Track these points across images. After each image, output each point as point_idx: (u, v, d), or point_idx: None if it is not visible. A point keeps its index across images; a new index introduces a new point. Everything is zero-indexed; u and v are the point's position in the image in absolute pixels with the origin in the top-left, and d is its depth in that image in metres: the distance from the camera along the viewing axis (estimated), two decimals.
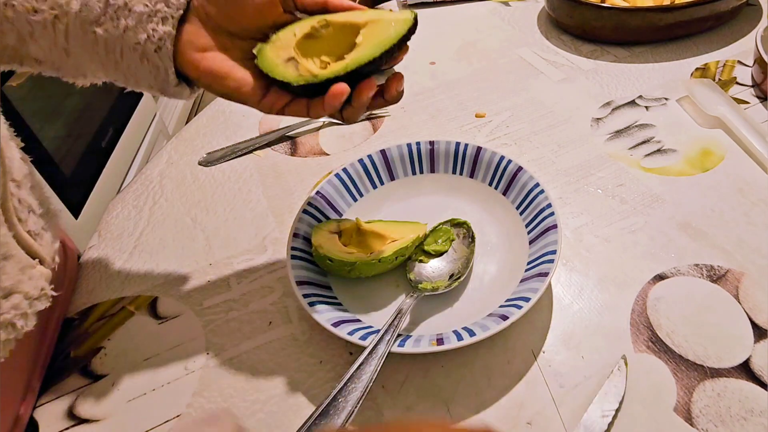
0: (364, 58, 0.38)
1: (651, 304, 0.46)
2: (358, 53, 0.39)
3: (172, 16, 0.38)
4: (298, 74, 0.39)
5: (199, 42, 0.39)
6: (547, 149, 0.63)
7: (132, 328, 0.50)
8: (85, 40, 0.38)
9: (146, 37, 0.37)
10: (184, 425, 0.22)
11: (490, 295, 0.47)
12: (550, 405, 0.40)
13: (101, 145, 1.53)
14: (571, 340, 0.44)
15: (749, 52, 0.73)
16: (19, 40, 0.38)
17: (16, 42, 0.38)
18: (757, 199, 0.54)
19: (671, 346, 0.43)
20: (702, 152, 0.60)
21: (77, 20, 0.37)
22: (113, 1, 0.37)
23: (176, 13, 0.38)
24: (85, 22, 0.37)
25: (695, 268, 0.48)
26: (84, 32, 0.37)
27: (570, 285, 0.48)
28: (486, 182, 0.54)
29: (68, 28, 0.37)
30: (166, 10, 0.37)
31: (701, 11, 0.74)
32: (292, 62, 0.39)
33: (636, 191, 0.56)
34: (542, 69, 0.77)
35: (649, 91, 0.70)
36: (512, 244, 0.50)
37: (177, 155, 0.70)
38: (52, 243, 0.45)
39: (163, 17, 0.37)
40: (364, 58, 0.38)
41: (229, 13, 0.39)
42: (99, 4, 0.37)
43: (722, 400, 0.39)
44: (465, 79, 0.76)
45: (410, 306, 0.44)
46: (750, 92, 0.67)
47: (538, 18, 0.89)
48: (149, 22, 0.37)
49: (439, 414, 0.41)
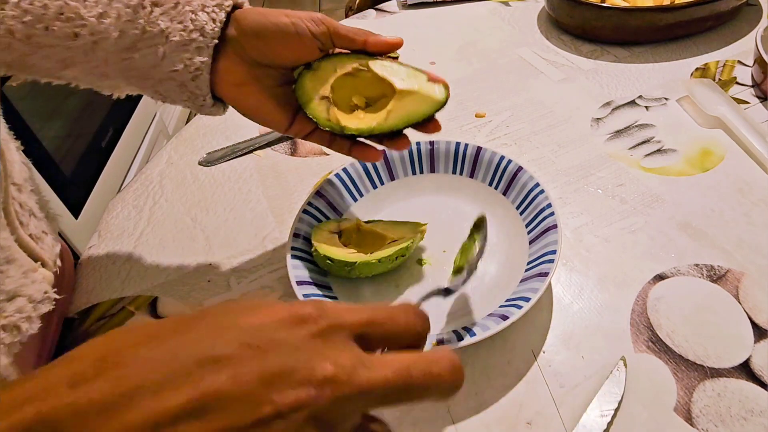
0: (389, 127, 0.41)
1: (651, 304, 0.46)
2: (386, 120, 0.41)
3: (208, 45, 0.38)
4: (327, 118, 0.41)
5: (235, 76, 0.40)
6: (547, 149, 0.63)
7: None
8: (123, 66, 0.38)
9: (183, 66, 0.38)
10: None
11: (490, 295, 0.47)
12: (550, 405, 0.40)
13: (101, 145, 1.53)
14: (571, 340, 0.44)
15: (749, 52, 0.73)
16: (58, 63, 0.38)
17: (55, 65, 0.38)
18: (757, 199, 0.54)
19: (671, 346, 0.43)
20: (702, 152, 0.60)
21: (115, 47, 0.37)
22: (150, 28, 0.37)
23: (211, 42, 0.38)
24: (123, 49, 0.38)
25: (695, 268, 0.48)
26: (122, 58, 0.38)
27: (570, 285, 0.48)
28: (486, 182, 0.54)
29: (107, 55, 0.38)
30: (201, 39, 0.38)
31: (701, 11, 0.74)
32: (325, 102, 0.41)
33: (636, 191, 0.56)
34: (542, 69, 0.77)
35: (649, 91, 0.70)
36: (512, 244, 0.50)
37: (177, 155, 0.70)
38: (53, 246, 0.45)
39: (198, 47, 0.38)
40: (389, 127, 0.41)
41: (266, 53, 0.40)
42: (136, 31, 0.37)
43: (722, 400, 0.39)
44: (465, 79, 0.76)
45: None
46: (750, 92, 0.67)
47: (538, 18, 0.89)
48: (185, 51, 0.38)
49: (440, 414, 0.41)
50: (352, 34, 0.40)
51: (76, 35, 0.37)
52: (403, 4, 0.97)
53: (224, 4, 0.38)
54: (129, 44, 0.38)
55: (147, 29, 0.37)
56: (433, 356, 0.22)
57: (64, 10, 0.36)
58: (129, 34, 0.37)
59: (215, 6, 0.38)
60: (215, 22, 0.38)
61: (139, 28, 0.37)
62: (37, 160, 0.48)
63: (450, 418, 0.40)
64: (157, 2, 0.38)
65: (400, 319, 0.23)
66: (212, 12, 0.38)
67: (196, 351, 0.19)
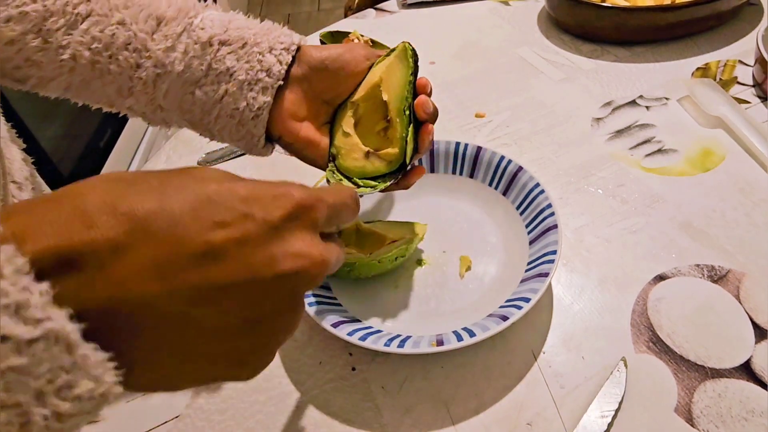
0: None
1: (652, 305, 0.46)
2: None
3: (272, 86, 0.39)
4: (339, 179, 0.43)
5: (299, 111, 0.41)
6: (547, 149, 0.63)
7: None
8: (183, 101, 0.39)
9: (245, 104, 0.39)
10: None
11: (490, 295, 0.46)
12: (550, 406, 0.40)
13: (99, 146, 1.53)
14: (571, 341, 0.44)
15: (750, 52, 0.73)
16: (118, 93, 0.39)
17: (114, 93, 0.39)
18: (758, 199, 0.53)
19: (672, 346, 0.43)
20: (703, 152, 0.60)
21: (179, 80, 0.38)
22: (216, 65, 0.38)
23: (276, 83, 0.39)
24: (187, 83, 0.38)
25: (696, 268, 0.48)
26: (183, 92, 0.39)
27: (570, 285, 0.48)
28: (486, 182, 0.54)
29: (168, 88, 0.38)
30: (267, 80, 0.39)
31: (702, 11, 0.74)
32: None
33: (637, 191, 0.56)
34: (542, 69, 0.77)
35: (649, 90, 0.70)
36: (512, 244, 0.50)
37: (176, 155, 0.70)
38: None
39: (263, 87, 0.39)
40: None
41: (332, 86, 0.41)
42: (202, 67, 0.38)
43: (723, 400, 0.39)
44: (465, 79, 0.76)
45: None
46: (751, 92, 0.67)
47: (538, 18, 0.89)
48: (250, 90, 0.39)
49: (440, 414, 0.41)
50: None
51: (139, 66, 0.37)
52: (402, 3, 0.97)
53: (290, 48, 0.40)
54: (193, 80, 0.38)
55: (213, 66, 0.38)
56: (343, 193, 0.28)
57: (131, 41, 0.37)
58: (194, 69, 0.38)
59: (283, 49, 0.39)
60: (282, 64, 0.39)
61: (204, 65, 0.38)
62: (34, 161, 0.48)
63: (450, 418, 0.40)
64: (225, 41, 0.38)
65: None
66: (280, 54, 0.39)
67: (203, 202, 0.21)
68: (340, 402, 0.42)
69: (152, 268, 0.19)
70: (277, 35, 0.40)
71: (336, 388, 0.43)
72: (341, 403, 0.42)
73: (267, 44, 0.39)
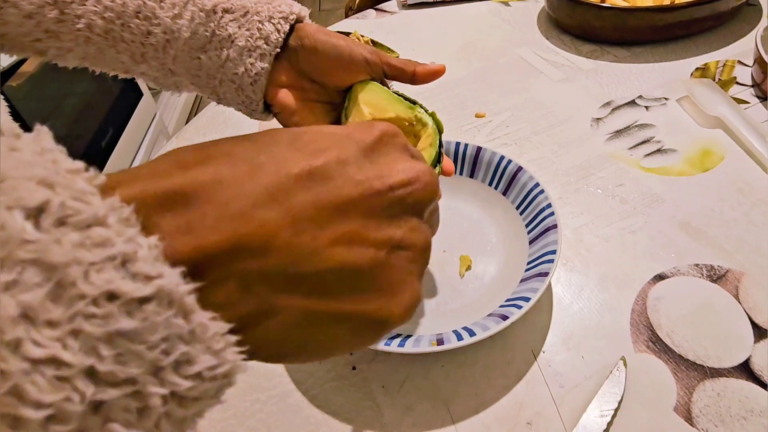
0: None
1: (651, 304, 0.46)
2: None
3: (270, 53, 0.40)
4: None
5: (281, 78, 0.42)
6: (547, 149, 0.63)
7: None
8: (190, 65, 0.41)
9: (244, 70, 0.40)
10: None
11: (490, 295, 0.47)
12: (550, 405, 0.40)
13: (101, 146, 1.53)
14: (571, 340, 0.44)
15: (749, 52, 0.73)
16: (131, 59, 0.41)
17: (129, 60, 0.41)
18: (757, 199, 0.54)
19: (671, 346, 0.43)
20: (702, 152, 0.60)
21: (186, 46, 0.40)
22: (219, 32, 0.40)
23: (273, 51, 0.40)
24: (193, 49, 0.40)
25: (695, 268, 0.48)
26: (190, 57, 0.41)
27: (570, 285, 0.48)
28: (486, 182, 0.54)
29: (177, 53, 0.40)
30: (265, 47, 0.40)
31: (701, 11, 0.74)
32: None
33: (636, 191, 0.56)
34: (542, 69, 0.77)
35: (649, 91, 0.70)
36: (512, 244, 0.50)
37: None
38: None
39: (261, 54, 0.40)
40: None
41: (318, 69, 0.42)
42: (206, 33, 0.40)
43: (722, 399, 0.39)
44: (465, 79, 0.76)
45: None
46: (750, 92, 0.67)
47: (538, 18, 0.89)
48: (249, 57, 0.40)
49: (440, 414, 0.41)
50: (402, 64, 0.43)
51: (149, 33, 0.39)
52: (403, 4, 0.97)
53: (289, 17, 0.41)
54: (199, 45, 0.40)
55: (216, 33, 0.40)
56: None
57: (141, 9, 0.39)
58: (199, 36, 0.40)
59: (281, 18, 0.40)
60: (279, 33, 0.40)
61: (209, 31, 0.40)
62: None
63: (450, 418, 0.40)
64: (228, 9, 0.40)
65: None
66: (278, 23, 0.40)
67: (296, 147, 0.20)
68: (340, 401, 0.42)
69: (265, 196, 0.18)
70: (278, 4, 0.41)
71: (336, 387, 0.43)
72: (342, 402, 0.42)
73: (267, 13, 0.40)
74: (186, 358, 0.15)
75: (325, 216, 0.19)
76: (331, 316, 0.19)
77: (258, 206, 0.17)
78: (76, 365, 0.13)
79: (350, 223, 0.19)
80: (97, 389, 0.13)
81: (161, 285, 0.14)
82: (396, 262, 0.20)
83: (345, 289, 0.19)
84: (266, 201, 0.18)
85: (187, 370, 0.15)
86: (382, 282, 0.20)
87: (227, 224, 0.17)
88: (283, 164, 0.19)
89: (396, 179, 0.21)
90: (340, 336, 0.20)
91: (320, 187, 0.19)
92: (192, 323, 0.15)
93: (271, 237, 0.17)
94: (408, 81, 0.43)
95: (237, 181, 0.18)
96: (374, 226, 0.20)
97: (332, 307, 0.19)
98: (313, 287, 0.18)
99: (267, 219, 0.17)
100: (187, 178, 0.17)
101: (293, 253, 0.18)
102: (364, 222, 0.20)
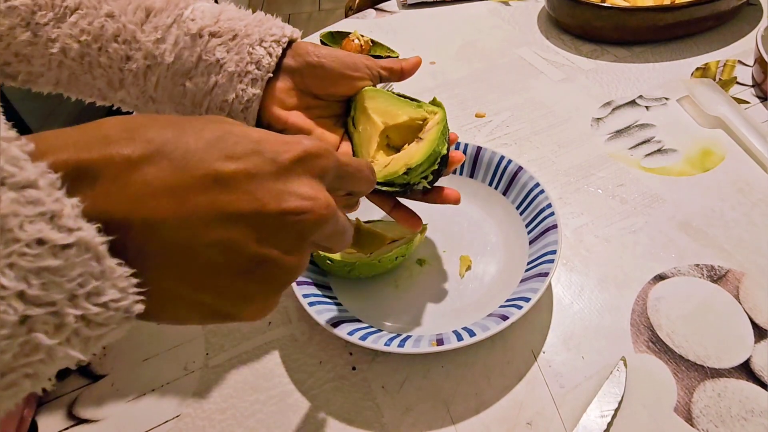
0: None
1: (651, 305, 0.46)
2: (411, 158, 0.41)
3: (262, 78, 0.39)
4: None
5: (288, 101, 0.41)
6: (547, 149, 0.63)
7: (131, 328, 0.50)
8: (174, 92, 0.39)
9: (234, 96, 0.38)
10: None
11: (490, 295, 0.46)
12: (550, 405, 0.40)
13: None
14: (571, 341, 0.44)
15: (750, 52, 0.73)
16: (109, 85, 0.39)
17: (105, 86, 0.39)
18: (757, 199, 0.54)
19: (671, 346, 0.43)
20: (702, 152, 0.60)
21: (169, 72, 0.38)
22: (206, 57, 0.38)
23: (266, 75, 0.39)
24: (177, 75, 0.38)
25: (696, 268, 0.48)
26: (174, 84, 0.38)
27: (570, 285, 0.48)
28: (486, 182, 0.54)
29: (159, 79, 0.38)
30: (257, 72, 0.38)
31: (701, 11, 0.74)
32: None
33: (636, 191, 0.56)
34: (542, 69, 0.77)
35: (649, 90, 0.70)
36: (512, 244, 0.50)
37: None
38: None
39: (253, 79, 0.38)
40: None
41: (324, 84, 0.41)
42: (192, 59, 0.38)
43: (723, 400, 0.39)
44: (465, 79, 0.76)
45: None
46: (750, 92, 0.67)
47: (538, 18, 0.89)
48: (239, 82, 0.38)
49: (440, 414, 0.41)
50: (391, 64, 0.43)
51: (129, 58, 0.37)
52: (403, 3, 0.97)
53: (281, 40, 0.39)
54: (183, 71, 0.38)
55: (203, 58, 0.38)
56: (359, 160, 0.30)
57: (121, 32, 0.37)
58: (184, 61, 0.38)
59: (273, 41, 0.39)
60: (272, 57, 0.39)
61: (195, 56, 0.38)
62: None
63: (450, 418, 0.40)
64: (215, 33, 0.38)
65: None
66: (270, 47, 0.39)
67: (212, 137, 0.22)
68: (340, 401, 0.42)
69: (165, 188, 0.20)
70: (269, 27, 0.39)
71: (336, 388, 0.43)
72: (341, 402, 0.42)
73: (257, 36, 0.39)
74: (96, 291, 0.19)
75: (212, 218, 0.21)
76: (189, 302, 0.23)
77: (155, 198, 0.20)
78: (11, 288, 0.17)
79: (234, 231, 0.22)
80: (26, 307, 0.17)
81: (81, 236, 0.18)
82: (261, 276, 0.23)
83: (208, 286, 0.22)
84: (164, 195, 0.20)
85: (97, 300, 0.19)
86: (240, 289, 0.23)
87: (123, 205, 0.20)
88: (193, 163, 0.21)
89: (291, 205, 0.23)
90: (194, 318, 0.24)
91: (219, 193, 0.21)
92: (103, 265, 0.19)
93: (158, 223, 0.20)
94: (397, 79, 0.43)
95: (143, 169, 0.20)
96: (254, 241, 0.22)
97: (192, 297, 0.22)
98: (182, 275, 0.21)
99: (158, 207, 0.20)
100: (105, 153, 0.20)
101: (172, 243, 0.21)
102: (248, 234, 0.22)
